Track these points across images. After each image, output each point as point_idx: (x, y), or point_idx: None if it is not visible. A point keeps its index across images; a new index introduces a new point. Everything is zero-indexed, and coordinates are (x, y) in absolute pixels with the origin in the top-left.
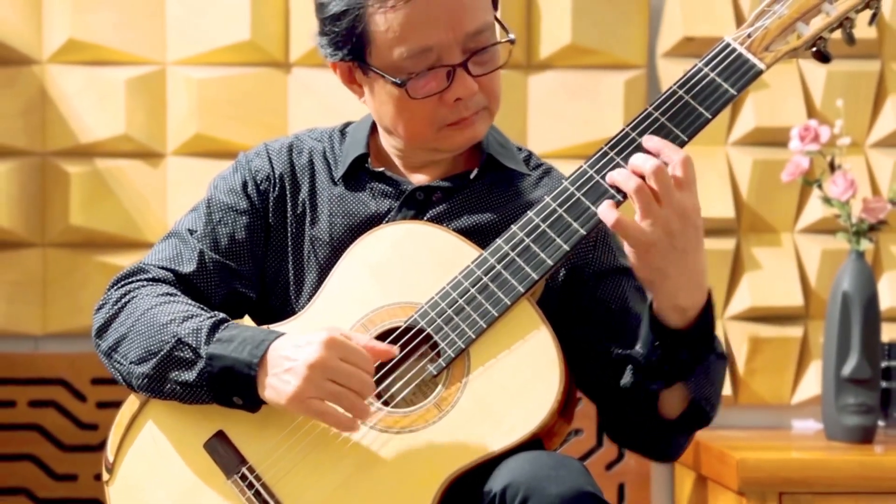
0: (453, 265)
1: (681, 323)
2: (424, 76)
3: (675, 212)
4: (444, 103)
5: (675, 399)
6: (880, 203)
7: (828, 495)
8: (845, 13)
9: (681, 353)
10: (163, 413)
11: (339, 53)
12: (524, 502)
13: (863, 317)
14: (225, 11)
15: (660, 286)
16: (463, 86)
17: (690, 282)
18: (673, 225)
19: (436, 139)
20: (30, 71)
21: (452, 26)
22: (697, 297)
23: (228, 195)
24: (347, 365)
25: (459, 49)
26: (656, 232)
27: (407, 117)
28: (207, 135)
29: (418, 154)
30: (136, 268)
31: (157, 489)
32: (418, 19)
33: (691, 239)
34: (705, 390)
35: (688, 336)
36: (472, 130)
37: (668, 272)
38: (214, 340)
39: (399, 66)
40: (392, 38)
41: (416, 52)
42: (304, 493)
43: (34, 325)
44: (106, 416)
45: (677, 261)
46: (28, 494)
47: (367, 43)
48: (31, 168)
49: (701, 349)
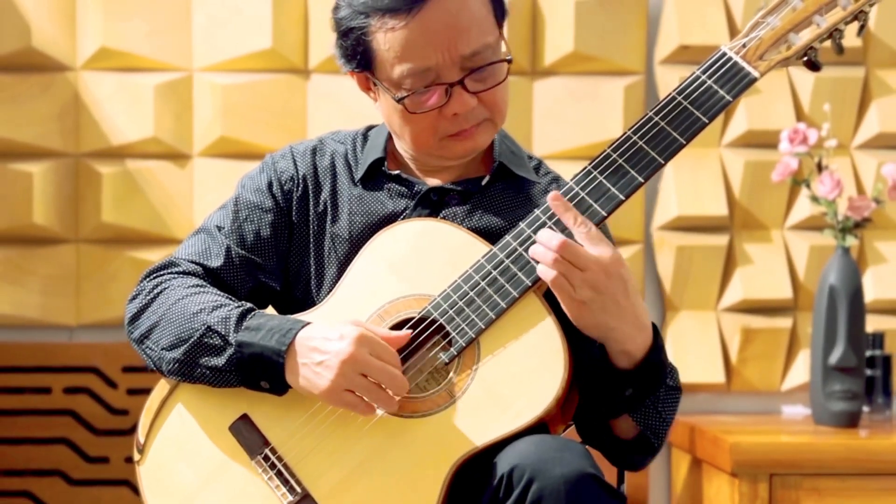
0: (464, 260)
1: (628, 364)
2: (424, 93)
3: (596, 272)
4: (444, 117)
5: (624, 426)
6: (865, 202)
7: (815, 476)
8: (835, 25)
9: (626, 389)
10: (190, 398)
11: (350, 65)
12: (530, 483)
13: (848, 309)
14: (248, 21)
15: (606, 337)
16: (460, 102)
17: (632, 327)
18: (598, 283)
19: (438, 148)
20: (64, 77)
21: (448, 48)
22: (641, 339)
23: (255, 194)
24: (378, 361)
25: (457, 67)
26: (585, 293)
27: (411, 128)
28: (231, 137)
29: (428, 159)
30: (167, 261)
31: (185, 469)
32: (417, 41)
33: (619, 288)
34: (651, 421)
35: (634, 375)
36: (472, 142)
37: (610, 324)
38: (243, 329)
39: (400, 82)
40: (393, 56)
41: (416, 72)
42: (323, 473)
43: (69, 316)
44: (136, 402)
45: (613, 312)
46: (63, 476)
47: (371, 59)
48: (65, 168)
49: (648, 385)
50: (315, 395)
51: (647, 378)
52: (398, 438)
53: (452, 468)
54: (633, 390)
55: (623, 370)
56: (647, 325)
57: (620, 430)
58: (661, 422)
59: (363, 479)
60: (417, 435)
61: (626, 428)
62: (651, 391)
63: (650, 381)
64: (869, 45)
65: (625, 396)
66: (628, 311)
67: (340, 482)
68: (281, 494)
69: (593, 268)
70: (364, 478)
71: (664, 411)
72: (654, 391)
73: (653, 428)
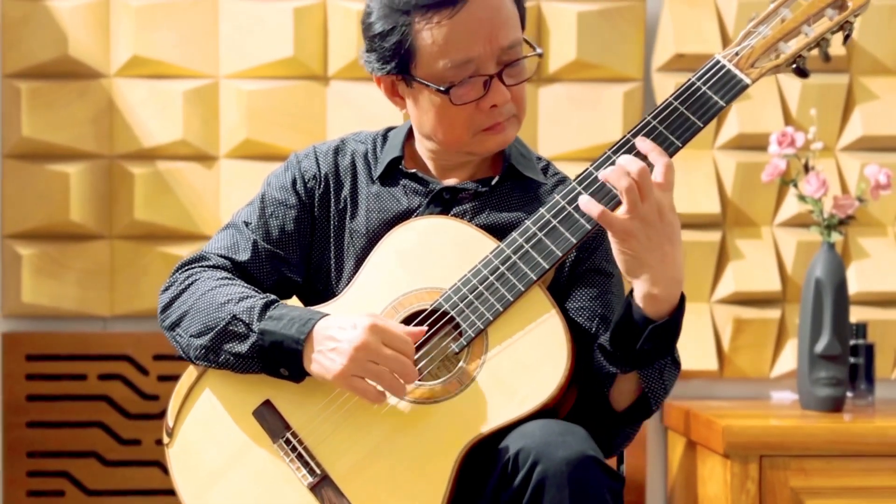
0: (474, 255)
1: (653, 313)
2: (464, 85)
3: (654, 207)
4: (481, 110)
5: (625, 389)
6: (849, 200)
7: (802, 458)
8: (821, 35)
9: (645, 343)
10: (216, 384)
11: (387, 67)
12: (534, 465)
13: (833, 300)
14: (271, 31)
15: (638, 275)
16: (498, 93)
17: (666, 274)
18: (651, 218)
19: (471, 143)
20: (99, 84)
21: (490, 40)
22: (672, 290)
23: (280, 191)
24: (388, 349)
25: (494, 62)
26: (635, 223)
27: (447, 123)
28: (255, 140)
29: (452, 157)
30: (198, 255)
31: (211, 451)
32: (461, 34)
33: (667, 233)
34: (654, 385)
35: (655, 329)
36: (503, 135)
37: (647, 261)
38: (266, 318)
39: (442, 75)
40: (437, 50)
41: (458, 64)
42: (340, 455)
43: (103, 307)
44: (166, 388)
45: (654, 251)
46: (97, 457)
47: (412, 56)
48: (100, 169)
49: (662, 347)
50: (329, 381)
51: (663, 334)
52: (411, 423)
53: (462, 451)
54: (651, 345)
55: (644, 319)
56: (680, 282)
57: (618, 397)
58: (662, 388)
59: (378, 461)
60: (430, 420)
61: (625, 392)
62: (663, 351)
63: (665, 339)
64: (853, 54)
65: (642, 349)
66: (669, 257)
67: (357, 464)
68: (301, 476)
69: (653, 203)
70: (379, 460)
71: (667, 380)
72: (666, 351)
73: (654, 391)
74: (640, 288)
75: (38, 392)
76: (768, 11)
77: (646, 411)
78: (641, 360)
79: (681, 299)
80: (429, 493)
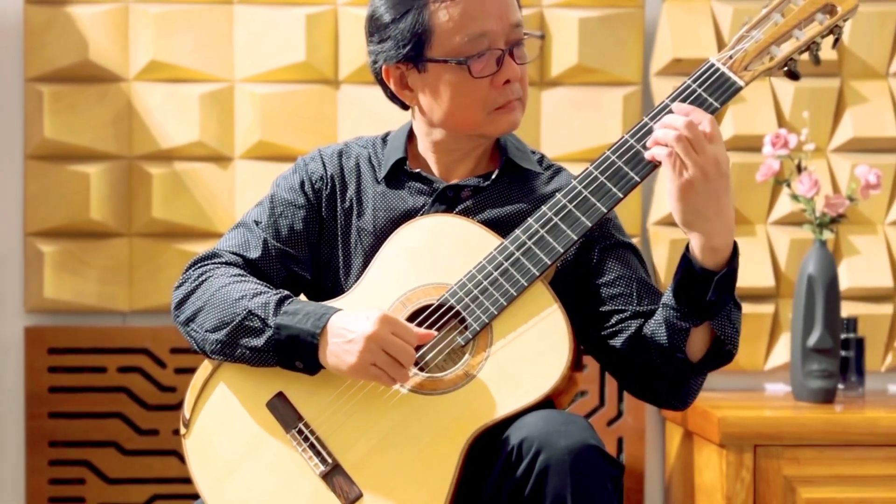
0: (478, 251)
1: (713, 264)
2: (480, 59)
3: (709, 159)
4: (495, 86)
5: (698, 339)
6: (840, 200)
7: (795, 447)
8: (812, 38)
9: (710, 294)
10: (231, 377)
11: (403, 52)
12: (538, 453)
13: (825, 296)
14: (284, 37)
15: (699, 227)
16: (511, 68)
17: (723, 224)
18: (709, 169)
19: (484, 123)
20: (118, 87)
21: (501, 16)
22: (728, 238)
23: (288, 192)
24: (397, 339)
25: (504, 39)
26: (696, 174)
27: (464, 103)
28: (269, 142)
29: (457, 148)
30: (210, 252)
31: (226, 441)
32: (474, 10)
33: (723, 184)
34: (727, 330)
35: (718, 279)
36: (513, 115)
37: (707, 213)
38: (281, 313)
39: (459, 50)
40: (453, 26)
41: (474, 37)
42: (351, 445)
43: (122, 302)
44: (183, 380)
45: (713, 203)
46: (117, 447)
47: (429, 37)
48: (119, 170)
49: (725, 293)
50: (343, 372)
51: (727, 282)
52: (419, 413)
53: (468, 440)
54: (716, 294)
55: (703, 271)
56: (734, 232)
57: (692, 349)
58: (734, 330)
59: (388, 451)
60: (437, 410)
61: (698, 342)
62: (729, 296)
63: (729, 286)
64: (843, 58)
65: (709, 301)
66: (726, 209)
67: (367, 453)
68: (314, 465)
69: (709, 155)
70: (388, 449)
71: (735, 322)
72: (731, 297)
73: (728, 335)
74: (699, 241)
75: (59, 384)
76: (761, 16)
77: (723, 355)
78: (711, 310)
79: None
80: (436, 481)
